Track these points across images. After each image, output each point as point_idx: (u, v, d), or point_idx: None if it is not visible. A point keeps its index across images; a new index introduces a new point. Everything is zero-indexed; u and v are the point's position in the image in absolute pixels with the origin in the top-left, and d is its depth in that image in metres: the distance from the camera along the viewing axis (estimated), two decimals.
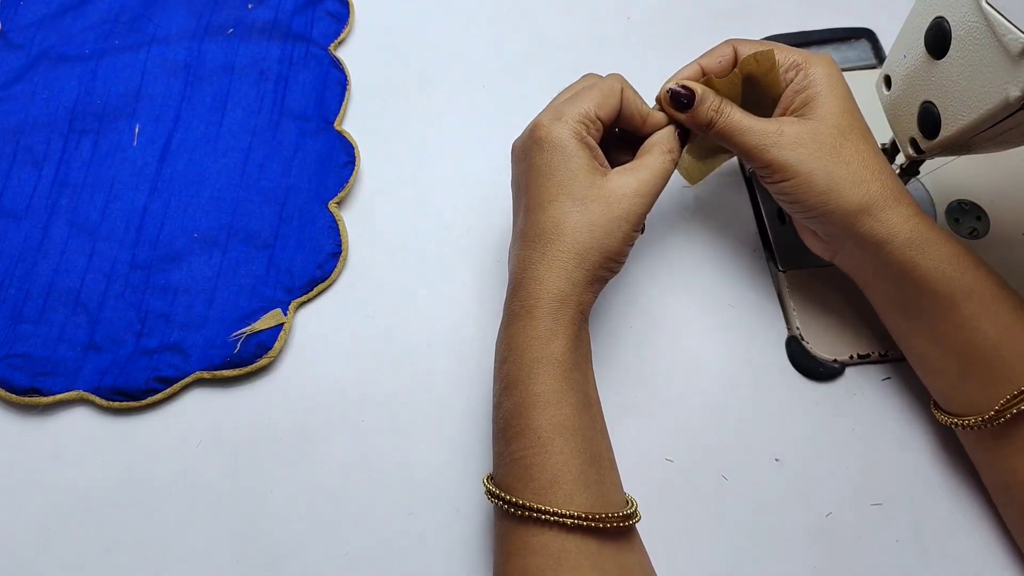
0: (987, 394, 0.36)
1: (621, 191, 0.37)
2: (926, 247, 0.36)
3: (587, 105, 0.38)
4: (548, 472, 0.33)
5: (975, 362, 0.36)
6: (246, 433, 0.42)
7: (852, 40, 0.54)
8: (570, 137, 0.37)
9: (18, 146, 0.49)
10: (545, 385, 0.34)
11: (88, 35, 0.53)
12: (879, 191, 0.36)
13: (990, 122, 0.33)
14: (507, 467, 0.34)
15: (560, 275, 0.36)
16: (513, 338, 0.36)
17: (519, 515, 0.33)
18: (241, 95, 0.51)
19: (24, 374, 0.42)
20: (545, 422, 0.34)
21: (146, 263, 0.45)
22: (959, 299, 0.35)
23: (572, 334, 0.36)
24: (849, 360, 0.43)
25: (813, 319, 0.44)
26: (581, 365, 0.36)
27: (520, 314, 0.36)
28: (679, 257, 0.47)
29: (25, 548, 0.40)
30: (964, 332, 0.36)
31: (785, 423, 0.42)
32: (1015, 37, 0.30)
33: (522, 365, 0.35)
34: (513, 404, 0.35)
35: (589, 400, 0.36)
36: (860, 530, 0.40)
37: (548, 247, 0.36)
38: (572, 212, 0.36)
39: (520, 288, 0.37)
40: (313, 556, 0.39)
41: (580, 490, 0.33)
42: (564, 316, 0.36)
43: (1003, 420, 0.35)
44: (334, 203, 0.48)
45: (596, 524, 0.32)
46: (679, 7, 0.56)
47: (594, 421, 0.36)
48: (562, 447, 0.33)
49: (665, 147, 0.39)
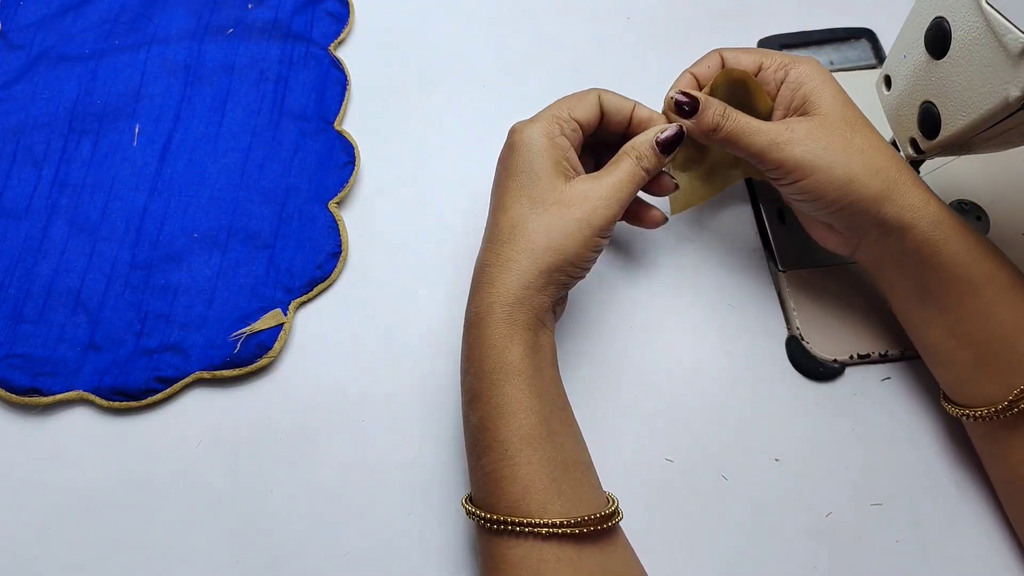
0: (1001, 384, 0.35)
1: (583, 195, 0.36)
2: (948, 231, 0.35)
3: (561, 105, 0.39)
4: (519, 484, 0.32)
5: (990, 351, 0.35)
6: (246, 433, 0.42)
7: (852, 40, 0.54)
8: (539, 135, 0.37)
9: (18, 146, 0.49)
10: (507, 396, 0.34)
11: (88, 35, 0.53)
12: (896, 176, 0.36)
13: (990, 122, 0.33)
14: (480, 482, 0.34)
15: (513, 277, 0.35)
16: (471, 347, 0.36)
17: (495, 529, 0.32)
18: (241, 95, 0.51)
19: (24, 374, 0.42)
20: (511, 433, 0.33)
21: (146, 263, 0.45)
22: (979, 284, 0.35)
23: (528, 340, 0.35)
24: (849, 360, 0.43)
25: (813, 319, 0.44)
26: (544, 370, 0.36)
27: (475, 321, 0.36)
28: (679, 257, 0.47)
29: (25, 548, 0.40)
30: (981, 320, 0.35)
31: (785, 423, 0.42)
32: (1015, 37, 0.30)
33: (482, 376, 0.35)
34: (478, 418, 0.35)
35: (556, 405, 0.35)
36: (860, 530, 0.40)
37: (503, 248, 0.36)
38: (530, 213, 0.36)
39: (475, 292, 0.36)
40: (313, 556, 0.39)
41: (553, 498, 0.32)
42: (518, 321, 0.35)
43: (1015, 411, 0.34)
44: (334, 203, 0.48)
45: (572, 530, 0.32)
46: (679, 7, 0.56)
47: (564, 425, 0.35)
48: (530, 457, 0.33)
49: (635, 153, 0.38)
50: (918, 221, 0.36)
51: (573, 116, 0.38)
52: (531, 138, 0.37)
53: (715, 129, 0.38)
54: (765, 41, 0.54)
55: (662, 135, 0.38)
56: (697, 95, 0.38)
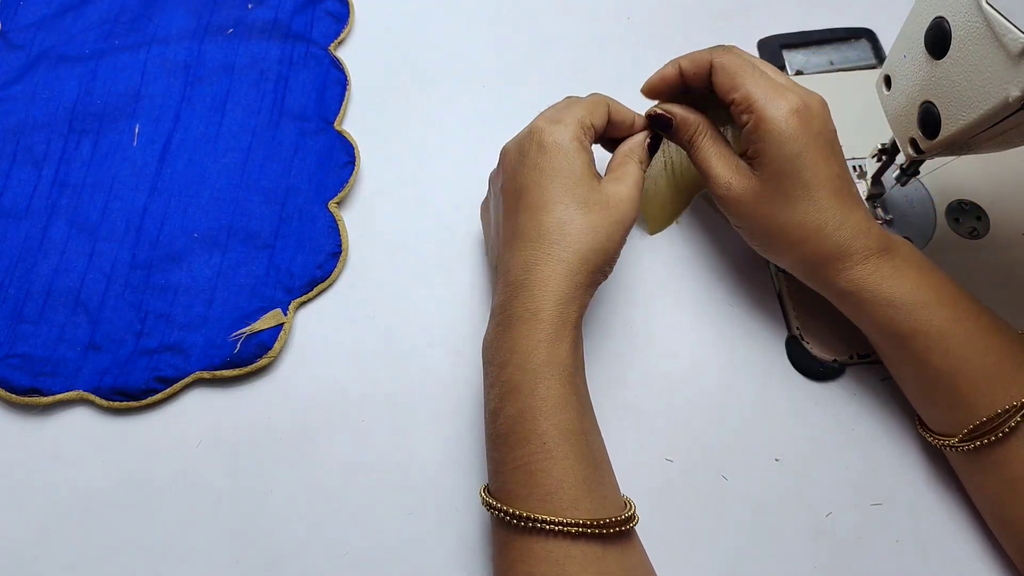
0: (952, 419, 0.37)
1: (616, 197, 0.38)
2: (867, 296, 0.37)
3: (582, 112, 0.39)
4: (553, 478, 0.33)
5: (933, 391, 0.37)
6: (246, 433, 0.42)
7: (852, 40, 0.54)
8: (572, 140, 0.38)
9: (18, 146, 0.49)
10: (551, 390, 0.34)
11: (88, 35, 0.53)
12: (815, 250, 0.38)
13: (990, 122, 0.33)
14: (509, 474, 0.34)
15: (565, 277, 0.36)
16: (516, 342, 0.35)
17: (520, 525, 0.32)
18: (241, 95, 0.51)
19: (24, 374, 0.42)
20: (551, 427, 0.34)
21: (146, 263, 0.45)
22: (905, 338, 0.37)
23: (574, 337, 0.36)
24: (849, 360, 0.43)
25: (813, 319, 0.44)
26: (580, 369, 0.36)
27: (525, 317, 0.36)
28: (679, 257, 0.47)
29: (25, 548, 0.40)
30: (915, 366, 0.37)
31: (785, 423, 0.42)
32: (1015, 37, 0.30)
33: (527, 370, 0.35)
34: (517, 410, 0.34)
35: (588, 404, 0.36)
36: (860, 530, 0.40)
37: (552, 248, 0.36)
38: (576, 215, 0.37)
39: (523, 290, 0.36)
40: (313, 556, 0.39)
41: (584, 495, 0.33)
42: (568, 319, 0.36)
43: (973, 447, 0.36)
44: (334, 203, 0.48)
45: (599, 530, 0.32)
46: (679, 7, 0.56)
47: (594, 425, 0.36)
48: (567, 452, 0.33)
49: (636, 157, 0.40)
50: (831, 290, 0.38)
51: (592, 124, 0.39)
52: (564, 142, 0.38)
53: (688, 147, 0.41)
54: (765, 41, 0.54)
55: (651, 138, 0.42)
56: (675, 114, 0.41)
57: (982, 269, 0.45)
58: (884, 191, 0.46)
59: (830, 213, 0.37)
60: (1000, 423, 0.35)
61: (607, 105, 0.40)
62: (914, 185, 0.47)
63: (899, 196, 0.47)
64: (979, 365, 0.36)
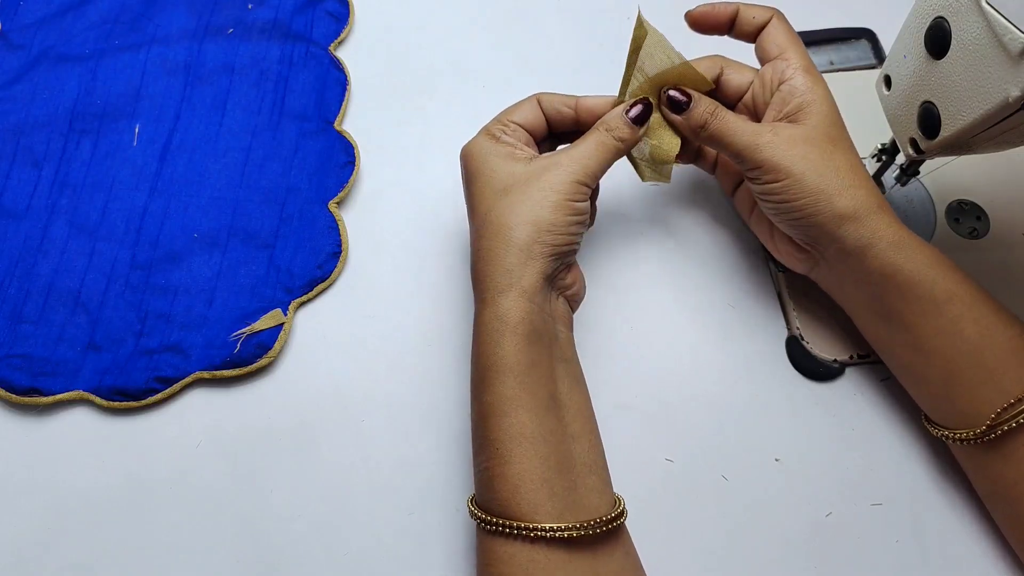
0: (972, 400, 0.36)
1: (541, 167, 0.37)
2: (908, 251, 0.36)
3: (498, 116, 0.40)
4: (509, 483, 0.32)
5: (958, 367, 0.36)
6: (246, 433, 0.42)
7: (852, 40, 0.54)
8: (483, 140, 0.39)
9: (18, 146, 0.49)
10: (497, 394, 0.34)
11: (88, 35, 0.53)
12: (864, 198, 0.37)
13: (990, 122, 0.33)
14: (477, 479, 0.35)
15: (493, 264, 0.35)
16: (472, 345, 0.36)
17: (489, 529, 0.33)
18: (241, 95, 0.51)
19: (24, 374, 0.42)
20: (501, 432, 0.33)
21: (146, 263, 0.45)
22: (941, 301, 0.36)
23: (523, 331, 0.34)
24: (849, 360, 0.43)
25: (813, 319, 0.44)
26: (540, 364, 0.35)
27: (475, 319, 0.36)
28: (679, 257, 0.47)
29: (25, 548, 0.40)
30: (946, 336, 0.36)
31: (785, 423, 0.42)
32: (1015, 37, 0.30)
33: (477, 373, 0.35)
34: (475, 415, 0.35)
35: (556, 401, 0.34)
36: (860, 530, 0.40)
37: (481, 242, 0.36)
38: (496, 201, 0.37)
39: (474, 293, 0.37)
40: (313, 556, 0.39)
41: (545, 499, 0.32)
42: (510, 312, 0.34)
43: (994, 436, 0.35)
44: (334, 203, 0.48)
45: (561, 535, 0.31)
46: (679, 7, 0.56)
47: (561, 424, 0.34)
48: (520, 456, 0.33)
49: (604, 126, 0.39)
50: (878, 242, 0.36)
51: (511, 120, 0.40)
52: (477, 146, 0.39)
53: (703, 126, 0.39)
54: None
55: (631, 111, 0.39)
56: (692, 92, 0.39)
57: (982, 269, 0.45)
58: (884, 191, 0.46)
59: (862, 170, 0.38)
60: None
61: (535, 100, 0.40)
62: (914, 185, 0.47)
63: (899, 196, 0.47)
64: (1006, 338, 0.35)
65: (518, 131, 0.40)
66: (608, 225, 0.48)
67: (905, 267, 0.36)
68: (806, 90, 0.38)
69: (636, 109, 0.39)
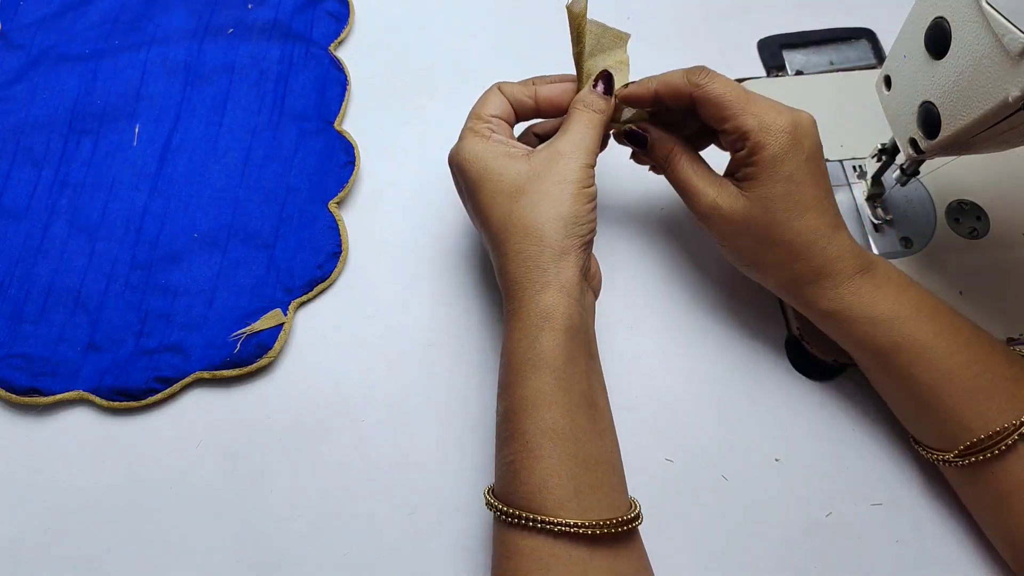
0: (941, 433, 0.37)
1: (547, 161, 0.37)
2: (850, 314, 0.37)
3: (472, 114, 0.40)
4: (536, 477, 0.32)
5: (921, 406, 0.37)
6: (246, 433, 0.42)
7: (852, 40, 0.54)
8: (474, 144, 0.38)
9: (18, 146, 0.49)
10: (532, 388, 0.34)
11: (88, 35, 0.53)
12: (802, 270, 0.38)
13: (990, 122, 0.33)
14: (501, 471, 0.35)
15: (527, 266, 0.35)
16: (505, 343, 0.36)
17: (510, 522, 0.33)
18: (241, 95, 0.51)
19: (24, 374, 0.42)
20: (532, 426, 0.33)
21: (146, 263, 0.45)
22: (888, 353, 0.37)
23: (562, 326, 0.35)
24: (849, 360, 0.43)
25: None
26: (577, 359, 0.35)
27: (508, 316, 0.36)
28: (679, 257, 0.47)
29: (25, 548, 0.40)
30: (900, 380, 0.37)
31: (785, 423, 0.42)
32: (1015, 37, 0.30)
33: (511, 368, 0.35)
34: (504, 408, 0.35)
35: (588, 400, 0.35)
36: (860, 530, 0.40)
37: (507, 247, 0.36)
38: (511, 205, 0.36)
39: (505, 295, 0.37)
40: (313, 556, 0.39)
41: (570, 496, 0.32)
42: (550, 307, 0.35)
43: (967, 463, 0.36)
44: (334, 203, 0.48)
45: (586, 531, 0.31)
46: (679, 7, 0.56)
47: (592, 422, 0.35)
48: (551, 451, 0.33)
49: (580, 104, 0.39)
50: (814, 309, 0.38)
51: (489, 114, 0.39)
52: (469, 150, 0.38)
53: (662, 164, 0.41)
54: (765, 41, 0.54)
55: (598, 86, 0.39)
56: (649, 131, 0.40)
57: (982, 269, 0.45)
58: (884, 191, 0.46)
59: (820, 233, 0.37)
60: (997, 441, 0.35)
61: (497, 88, 0.40)
62: (914, 185, 0.47)
63: (899, 196, 0.47)
64: (963, 377, 0.36)
65: (501, 124, 0.40)
66: (608, 225, 0.48)
67: (847, 327, 0.38)
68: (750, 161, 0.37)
69: (601, 84, 0.40)
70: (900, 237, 0.46)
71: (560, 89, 0.40)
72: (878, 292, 0.37)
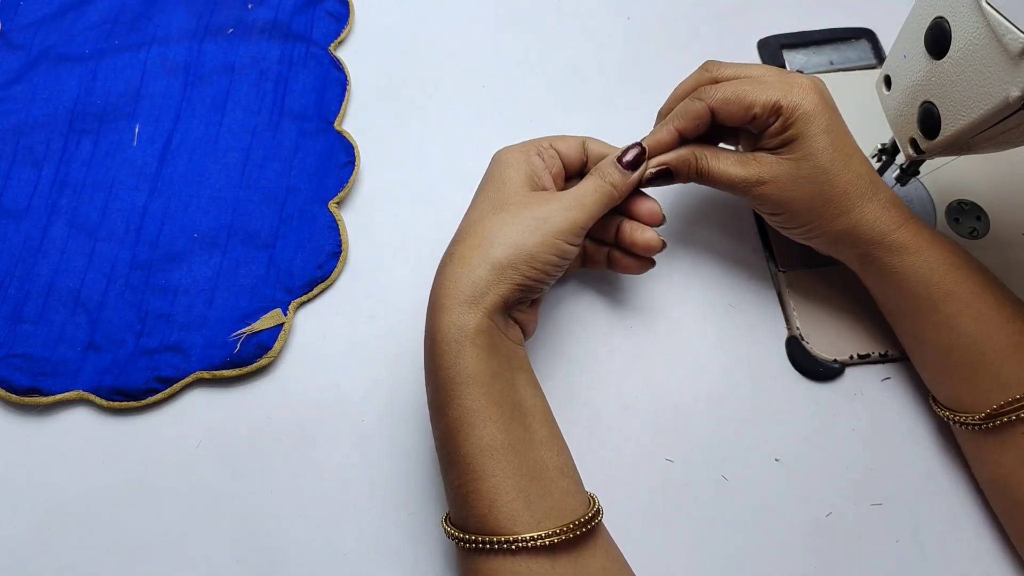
0: (973, 391, 0.37)
1: (543, 199, 0.37)
2: (905, 254, 0.37)
3: (543, 137, 0.40)
4: (485, 498, 0.32)
5: (958, 360, 0.37)
6: (246, 433, 0.42)
7: (852, 40, 0.54)
8: (515, 153, 0.39)
9: (18, 146, 0.49)
10: (463, 407, 0.33)
11: (88, 35, 0.53)
12: (860, 215, 0.38)
13: (990, 122, 0.33)
14: (451, 498, 0.34)
15: (464, 274, 0.34)
16: (428, 358, 0.35)
17: (468, 548, 0.32)
18: (241, 95, 0.51)
19: (24, 374, 0.42)
20: (471, 447, 0.33)
21: (146, 263, 0.46)
22: (938, 300, 0.37)
23: (483, 342, 0.34)
24: (849, 360, 0.43)
25: (813, 319, 0.44)
26: (501, 373, 0.34)
27: (429, 329, 0.35)
28: (679, 257, 0.47)
29: (25, 548, 0.40)
30: (944, 331, 0.37)
31: (785, 423, 0.42)
32: (1015, 37, 0.30)
33: (438, 388, 0.34)
34: (440, 432, 0.34)
35: (520, 410, 0.34)
36: (860, 530, 0.40)
37: (458, 247, 0.36)
38: (489, 213, 0.36)
39: (431, 295, 0.36)
40: (313, 556, 0.39)
41: (521, 509, 0.32)
42: (469, 324, 0.34)
43: (993, 424, 0.36)
44: (334, 203, 0.48)
45: (543, 542, 0.31)
46: (679, 7, 0.56)
47: (529, 431, 0.34)
48: (494, 469, 0.32)
49: (599, 173, 0.39)
50: (874, 248, 0.38)
51: (553, 145, 0.40)
52: (507, 156, 0.39)
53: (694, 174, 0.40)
54: (765, 41, 0.54)
55: (624, 156, 0.39)
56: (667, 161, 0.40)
57: None
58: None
59: (868, 179, 0.38)
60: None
61: (583, 141, 0.41)
62: (914, 185, 0.47)
63: (899, 196, 0.47)
64: (1009, 332, 0.36)
65: (555, 158, 0.40)
66: None
67: (901, 268, 0.38)
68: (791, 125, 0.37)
69: (630, 154, 0.39)
70: None
71: None
72: (935, 237, 0.38)
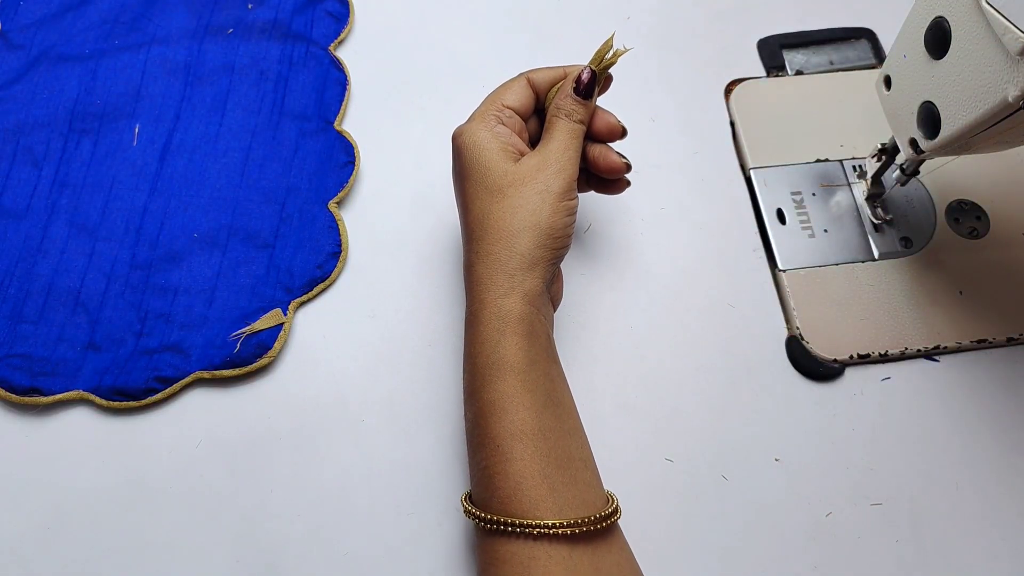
0: None
1: (534, 168, 0.37)
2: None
3: (492, 98, 0.40)
4: (511, 480, 0.32)
5: None
6: (246, 433, 0.42)
7: (852, 40, 0.54)
8: (479, 130, 0.38)
9: (18, 146, 0.49)
10: (498, 391, 0.34)
11: (88, 35, 0.53)
12: None
13: (990, 122, 0.33)
14: (475, 478, 0.35)
15: (495, 269, 0.36)
16: (467, 346, 0.36)
17: (488, 528, 0.32)
18: (241, 95, 0.51)
19: (24, 374, 0.42)
20: (502, 430, 0.33)
21: (146, 263, 0.45)
22: None
23: (523, 331, 0.35)
24: (849, 360, 0.43)
25: (813, 319, 0.44)
26: (539, 362, 0.35)
27: (470, 320, 0.36)
28: (679, 257, 0.47)
29: (25, 548, 0.40)
30: None
31: (785, 423, 0.42)
32: (1015, 37, 0.30)
33: (475, 373, 0.35)
34: (472, 414, 0.35)
35: (553, 399, 0.35)
36: (860, 530, 0.40)
37: (479, 245, 0.36)
38: (492, 204, 0.37)
39: (468, 294, 0.37)
40: (313, 556, 0.39)
41: (546, 495, 0.32)
42: (511, 312, 0.35)
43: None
44: (334, 203, 0.48)
45: (564, 530, 0.31)
46: (679, 7, 0.56)
47: (560, 421, 0.35)
48: (522, 453, 0.33)
49: (562, 112, 0.39)
50: None
51: (506, 105, 0.39)
52: (472, 135, 0.38)
53: None
54: (765, 41, 0.54)
55: (579, 84, 0.38)
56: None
57: (982, 269, 0.45)
58: (884, 191, 0.46)
59: None
60: None
61: (525, 79, 0.40)
62: (914, 185, 0.47)
63: (899, 196, 0.47)
64: None
65: (513, 117, 0.40)
66: (608, 225, 0.48)
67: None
68: None
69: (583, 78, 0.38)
70: (900, 237, 0.46)
71: None
72: None
